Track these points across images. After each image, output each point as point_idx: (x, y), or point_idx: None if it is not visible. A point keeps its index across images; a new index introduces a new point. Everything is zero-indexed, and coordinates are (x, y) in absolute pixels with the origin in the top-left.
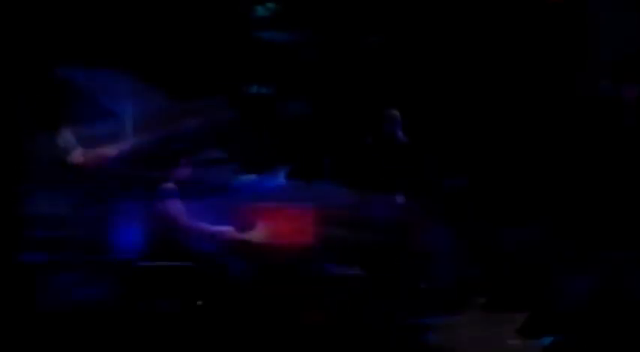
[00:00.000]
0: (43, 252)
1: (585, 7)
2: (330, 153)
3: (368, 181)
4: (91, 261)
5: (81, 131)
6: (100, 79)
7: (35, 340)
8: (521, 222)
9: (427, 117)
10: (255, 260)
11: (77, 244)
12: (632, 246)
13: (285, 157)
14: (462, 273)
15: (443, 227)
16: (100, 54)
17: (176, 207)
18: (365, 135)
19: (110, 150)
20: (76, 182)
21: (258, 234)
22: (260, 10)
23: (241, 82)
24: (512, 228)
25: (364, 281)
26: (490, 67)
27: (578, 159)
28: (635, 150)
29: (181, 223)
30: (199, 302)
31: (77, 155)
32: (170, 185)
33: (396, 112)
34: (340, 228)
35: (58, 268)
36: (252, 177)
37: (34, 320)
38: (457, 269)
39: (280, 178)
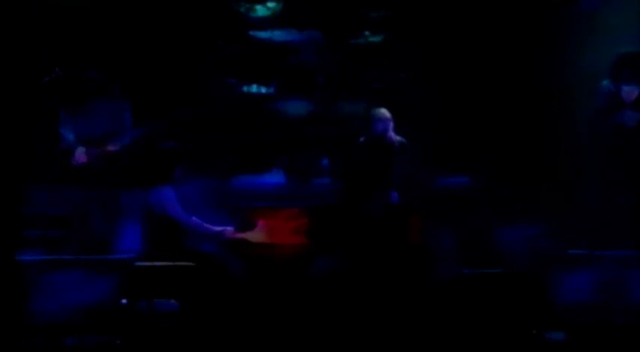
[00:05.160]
0: (42, 252)
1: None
2: (328, 153)
3: (363, 181)
4: (90, 260)
5: (81, 129)
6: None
7: (34, 340)
8: (521, 221)
9: (427, 117)
10: (254, 260)
11: (77, 244)
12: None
13: (284, 157)
14: (461, 273)
15: (442, 226)
16: (100, 52)
17: (175, 207)
18: (357, 135)
19: (110, 148)
20: (76, 181)
21: (257, 233)
22: (260, 10)
23: (241, 81)
24: (511, 227)
25: (364, 281)
26: (489, 65)
27: (578, 159)
28: (635, 150)
29: (180, 223)
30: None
31: (77, 153)
32: (169, 184)
33: (385, 111)
34: (338, 228)
35: (58, 268)
36: (250, 177)
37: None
38: (457, 268)
39: (279, 178)
